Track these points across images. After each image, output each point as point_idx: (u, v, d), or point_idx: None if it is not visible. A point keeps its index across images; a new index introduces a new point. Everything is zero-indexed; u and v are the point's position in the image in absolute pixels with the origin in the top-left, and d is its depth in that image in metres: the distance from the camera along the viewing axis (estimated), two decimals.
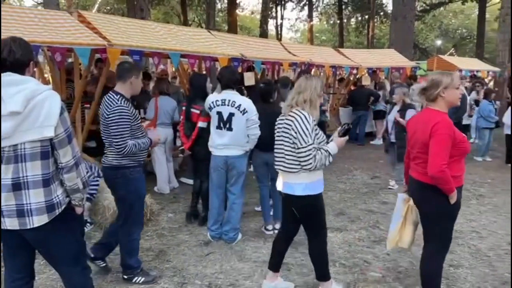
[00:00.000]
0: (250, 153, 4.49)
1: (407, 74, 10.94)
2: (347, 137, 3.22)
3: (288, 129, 3.02)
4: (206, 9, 18.66)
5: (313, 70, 8.74)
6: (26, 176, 2.15)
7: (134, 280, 3.45)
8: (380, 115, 9.94)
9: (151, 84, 7.47)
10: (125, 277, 3.48)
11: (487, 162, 8.61)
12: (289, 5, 32.03)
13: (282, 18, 31.39)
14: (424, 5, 29.19)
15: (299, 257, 4.02)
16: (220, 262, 3.90)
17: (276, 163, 3.19)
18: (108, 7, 29.37)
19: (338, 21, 30.32)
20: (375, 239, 4.57)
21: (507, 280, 3.65)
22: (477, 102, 9.38)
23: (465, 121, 8.90)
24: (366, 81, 9.99)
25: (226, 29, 22.64)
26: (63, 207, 2.28)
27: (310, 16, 29.85)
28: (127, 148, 3.15)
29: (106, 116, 3.16)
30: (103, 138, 3.29)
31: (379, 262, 3.99)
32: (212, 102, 4.16)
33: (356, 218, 5.19)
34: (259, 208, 5.16)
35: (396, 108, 6.27)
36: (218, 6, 28.87)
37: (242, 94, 8.08)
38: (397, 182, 6.52)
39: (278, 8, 30.24)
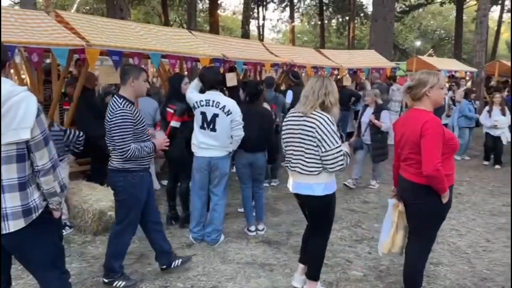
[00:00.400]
0: (233, 154, 4.48)
1: (387, 74, 11.09)
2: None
3: (311, 131, 2.98)
4: (187, 9, 18.56)
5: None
6: (1, 179, 2.09)
7: (114, 284, 3.38)
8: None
9: None
10: (106, 280, 3.41)
11: (465, 161, 8.78)
12: (271, 6, 32.19)
13: (264, 18, 31.44)
14: (403, 6, 29.64)
15: (282, 258, 4.02)
16: (202, 264, 3.88)
17: (292, 164, 3.14)
18: (88, 7, 28.94)
19: (319, 22, 30.54)
20: (357, 238, 4.61)
21: (486, 276, 3.72)
22: (453, 101, 9.58)
23: (443, 121, 9.06)
24: (347, 82, 10.06)
25: (208, 29, 22.55)
26: (40, 211, 2.23)
27: (291, 17, 29.99)
28: (129, 152, 3.13)
29: (109, 120, 3.15)
30: (107, 142, 3.28)
31: (361, 261, 4.02)
32: (196, 102, 4.14)
33: (338, 217, 5.20)
34: (242, 210, 5.14)
35: (370, 110, 6.34)
36: (200, 6, 28.78)
37: (224, 94, 8.07)
38: (377, 182, 6.61)
39: (260, 8, 30.29)
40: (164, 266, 3.65)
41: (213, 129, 4.08)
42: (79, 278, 3.55)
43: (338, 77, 10.80)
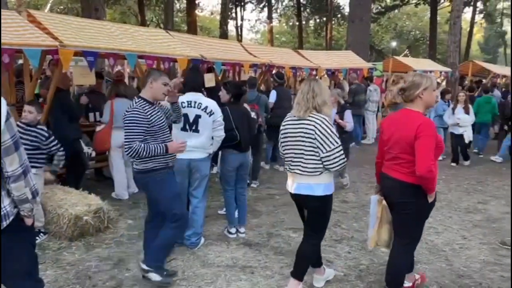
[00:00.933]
0: (214, 155, 4.45)
1: (364, 75, 11.21)
2: None
3: (310, 133, 3.02)
4: (164, 9, 18.36)
5: (273, 71, 8.77)
6: None
7: (150, 276, 3.43)
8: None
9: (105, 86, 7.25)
10: (145, 268, 3.47)
11: (440, 160, 8.93)
12: (249, 6, 32.16)
13: (242, 19, 31.43)
14: (379, 7, 30.09)
15: (262, 260, 4.00)
16: (182, 268, 3.81)
17: (292, 166, 3.18)
18: (62, 7, 28.31)
19: (297, 23, 30.70)
20: (337, 238, 4.62)
21: (463, 274, 3.78)
22: None
23: None
24: (325, 82, 10.13)
25: (186, 29, 22.35)
26: (11, 219, 2.14)
27: (269, 17, 30.06)
28: (131, 149, 3.15)
29: (124, 120, 3.24)
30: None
31: (341, 261, 4.03)
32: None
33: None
34: (222, 211, 5.10)
35: (333, 110, 6.40)
36: (177, 6, 28.54)
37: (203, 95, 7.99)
38: (346, 177, 6.66)
39: (238, 9, 30.25)
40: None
41: (196, 130, 4.04)
42: (54, 286, 3.45)
43: (317, 77, 10.86)
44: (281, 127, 3.27)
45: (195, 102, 4.04)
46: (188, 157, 4.03)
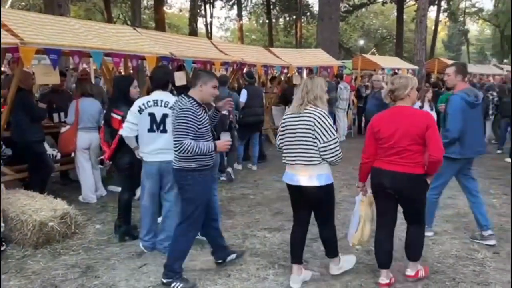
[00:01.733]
0: None
1: (334, 73, 11.29)
2: None
3: (310, 125, 3.20)
4: (131, 6, 17.91)
5: (245, 69, 8.69)
6: None
7: (172, 285, 3.38)
8: None
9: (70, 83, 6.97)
10: (164, 281, 3.43)
11: None
12: (218, 3, 31.97)
13: (211, 16, 31.15)
14: (347, 6, 30.49)
15: (238, 262, 3.91)
16: (154, 274, 3.67)
17: (292, 158, 3.35)
18: (23, 3, 27.25)
19: (267, 21, 30.74)
20: (312, 237, 4.55)
21: (437, 269, 3.82)
22: None
23: None
24: (297, 80, 10.13)
25: (153, 27, 21.93)
26: None
27: (239, 15, 29.96)
28: (183, 145, 3.18)
29: (176, 117, 3.27)
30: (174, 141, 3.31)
31: (317, 260, 4.00)
32: (143, 104, 3.90)
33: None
34: None
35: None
36: (144, 3, 28.00)
37: (172, 94, 7.82)
38: None
39: (207, 6, 29.97)
40: (220, 261, 3.81)
41: (164, 130, 3.86)
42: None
43: (288, 75, 10.86)
44: (281, 122, 3.44)
45: (161, 101, 3.87)
46: (158, 159, 3.87)
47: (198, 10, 26.45)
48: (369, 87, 11.36)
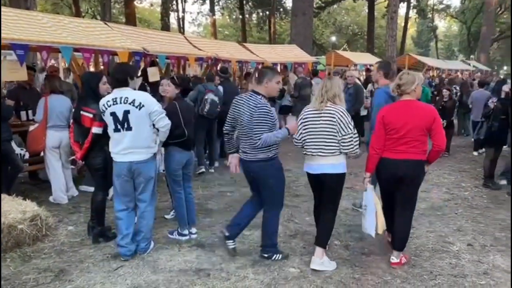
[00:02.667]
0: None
1: (308, 68, 11.34)
2: None
3: (332, 119, 3.56)
4: (101, 0, 17.46)
5: (219, 65, 8.59)
6: None
7: (273, 258, 3.84)
8: (285, 110, 10.25)
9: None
10: (266, 255, 3.86)
11: None
12: None
13: (183, 11, 30.77)
14: (319, 2, 30.71)
15: (217, 261, 3.85)
16: (131, 276, 3.56)
17: (314, 149, 3.67)
18: None
19: (240, 16, 30.60)
20: (291, 233, 4.58)
21: (414, 263, 3.86)
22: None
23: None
24: None
25: (124, 22, 21.45)
26: None
27: (212, 10, 29.71)
28: (263, 139, 3.46)
29: (252, 115, 3.48)
30: (245, 136, 3.58)
31: (297, 257, 3.98)
32: (104, 105, 3.73)
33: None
34: (169, 216, 4.90)
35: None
36: None
37: (145, 90, 7.67)
38: None
39: (179, 1, 29.57)
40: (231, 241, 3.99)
41: (129, 128, 3.69)
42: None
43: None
44: (301, 118, 3.73)
45: (120, 98, 3.68)
46: (128, 159, 3.73)
47: (170, 5, 26.06)
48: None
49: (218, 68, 8.32)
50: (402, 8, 31.18)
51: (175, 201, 4.38)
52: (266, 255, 3.88)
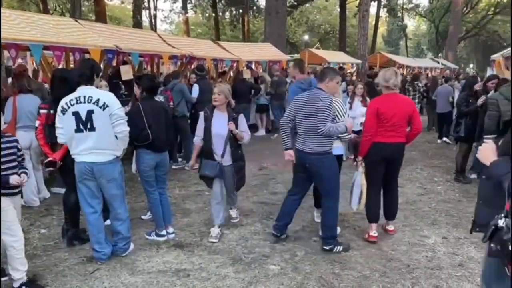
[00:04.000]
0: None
1: (282, 67, 11.37)
2: None
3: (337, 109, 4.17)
4: None
5: (194, 63, 8.51)
6: None
7: (335, 250, 3.99)
8: (262, 109, 10.26)
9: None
10: (327, 248, 4.02)
11: None
12: None
13: (155, 9, 30.34)
14: (292, 1, 30.85)
15: (197, 261, 3.81)
16: (108, 278, 3.48)
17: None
18: None
19: (213, 14, 30.41)
20: (270, 231, 4.57)
21: (392, 257, 3.93)
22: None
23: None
24: (247, 75, 10.10)
25: (94, 19, 20.96)
26: None
27: (184, 8, 29.39)
28: (327, 127, 3.74)
29: (317, 105, 3.80)
30: (309, 126, 3.88)
31: (277, 254, 3.99)
32: (66, 103, 3.54)
33: (249, 211, 5.16)
34: (146, 217, 4.80)
35: (225, 114, 6.41)
36: None
37: (119, 89, 7.50)
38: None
39: None
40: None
41: (92, 128, 3.52)
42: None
43: (240, 69, 10.79)
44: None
45: (84, 97, 3.52)
46: (89, 160, 3.56)
47: (142, 2, 25.65)
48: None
49: (194, 66, 8.23)
50: (372, 7, 31.72)
51: (149, 201, 4.28)
52: (327, 248, 4.02)
